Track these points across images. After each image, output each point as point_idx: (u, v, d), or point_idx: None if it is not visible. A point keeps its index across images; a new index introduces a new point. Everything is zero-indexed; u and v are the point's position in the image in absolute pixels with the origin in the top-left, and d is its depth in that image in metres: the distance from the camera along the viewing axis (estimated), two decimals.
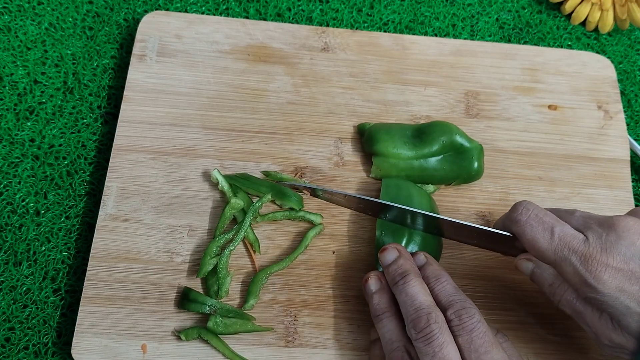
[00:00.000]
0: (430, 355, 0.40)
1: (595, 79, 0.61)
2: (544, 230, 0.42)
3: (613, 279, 0.39)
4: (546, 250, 0.42)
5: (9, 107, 0.56)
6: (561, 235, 0.42)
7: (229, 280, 0.48)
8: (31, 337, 0.49)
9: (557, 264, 0.42)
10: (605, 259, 0.40)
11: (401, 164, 0.53)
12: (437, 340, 0.40)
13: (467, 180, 0.54)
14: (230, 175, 0.52)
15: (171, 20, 0.59)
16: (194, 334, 0.47)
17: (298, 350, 0.48)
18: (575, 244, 0.41)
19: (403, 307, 0.43)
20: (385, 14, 0.65)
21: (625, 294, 0.39)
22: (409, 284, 0.43)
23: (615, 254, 0.40)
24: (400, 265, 0.45)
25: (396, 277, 0.44)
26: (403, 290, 0.43)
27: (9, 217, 0.52)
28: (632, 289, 0.39)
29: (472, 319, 0.41)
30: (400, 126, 0.54)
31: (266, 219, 0.51)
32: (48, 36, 0.60)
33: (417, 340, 0.40)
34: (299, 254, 0.50)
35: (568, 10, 0.66)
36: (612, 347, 0.42)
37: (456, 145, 0.52)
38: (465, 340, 0.40)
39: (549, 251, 0.42)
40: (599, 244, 0.40)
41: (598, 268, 0.40)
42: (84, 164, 0.55)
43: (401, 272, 0.44)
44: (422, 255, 0.47)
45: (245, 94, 0.57)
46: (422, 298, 0.42)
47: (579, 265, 0.40)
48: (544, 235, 0.42)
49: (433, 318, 0.41)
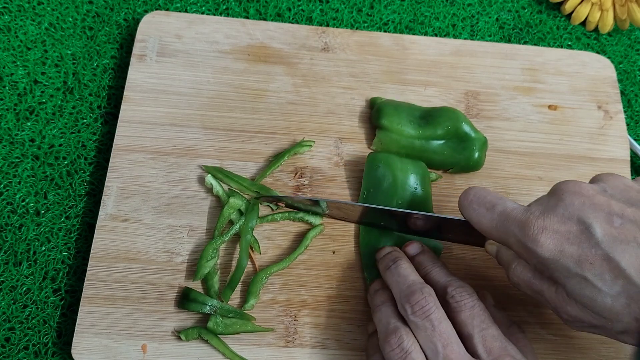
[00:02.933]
0: (428, 329, 0.40)
1: (595, 79, 0.61)
2: (486, 210, 0.42)
3: (551, 240, 0.38)
4: (491, 228, 0.42)
5: (9, 107, 0.56)
6: (501, 210, 0.41)
7: (210, 264, 0.48)
8: (31, 337, 0.49)
9: (503, 240, 0.42)
10: (542, 222, 0.39)
11: (403, 141, 0.53)
12: (434, 314, 0.40)
13: (466, 169, 0.54)
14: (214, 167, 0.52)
15: (171, 20, 0.59)
16: (194, 334, 0.47)
17: (298, 350, 0.48)
18: (515, 214, 0.40)
19: (395, 287, 0.43)
20: (385, 14, 0.65)
21: (565, 255, 0.38)
22: (401, 267, 0.44)
23: (552, 216, 0.39)
24: (392, 254, 0.46)
25: (389, 263, 0.45)
26: (395, 271, 0.44)
27: (9, 217, 0.52)
28: (570, 249, 0.38)
29: (472, 296, 0.42)
30: (410, 106, 0.55)
31: (265, 220, 0.51)
32: (48, 36, 0.60)
33: (414, 314, 0.40)
34: (299, 254, 0.50)
35: (568, 10, 0.66)
36: (574, 322, 0.40)
37: (461, 133, 0.53)
38: (467, 315, 0.41)
39: (493, 228, 0.42)
40: (538, 210, 0.40)
41: (535, 231, 0.39)
42: (84, 164, 0.55)
43: (393, 258, 0.46)
44: (418, 243, 0.48)
45: (245, 94, 0.57)
46: (414, 277, 0.43)
47: (518, 233, 0.40)
48: (486, 215, 0.42)
49: (427, 292, 0.41)
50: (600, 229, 0.37)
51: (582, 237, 0.38)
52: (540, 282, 0.41)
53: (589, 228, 0.38)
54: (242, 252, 0.48)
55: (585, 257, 0.37)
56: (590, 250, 0.37)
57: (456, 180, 0.55)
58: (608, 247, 0.37)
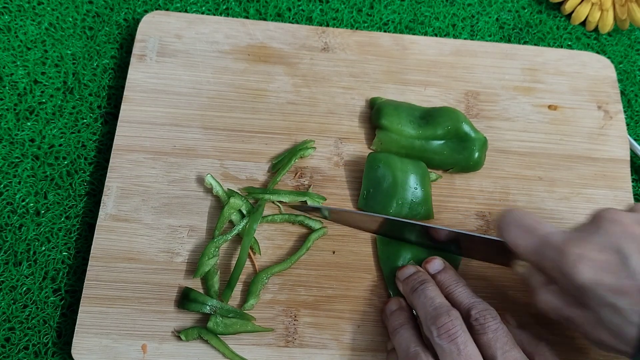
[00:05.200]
0: (454, 353, 0.40)
1: (595, 79, 0.61)
2: (525, 233, 0.42)
3: (588, 268, 0.38)
4: (529, 251, 0.42)
5: (9, 107, 0.56)
6: (541, 234, 0.42)
7: (211, 262, 0.49)
8: (31, 337, 0.49)
9: (538, 263, 0.42)
10: (580, 250, 0.39)
11: (403, 141, 0.53)
12: (460, 337, 0.40)
13: (465, 169, 0.54)
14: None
15: (171, 20, 0.59)
16: (194, 334, 0.47)
17: (298, 351, 0.48)
18: (554, 239, 0.41)
19: (421, 310, 0.43)
20: (385, 14, 0.65)
21: (601, 284, 0.38)
22: (428, 289, 0.44)
23: (591, 244, 0.39)
24: (419, 276, 0.46)
25: (415, 285, 0.45)
26: (422, 294, 0.44)
27: (9, 217, 0.52)
28: (606, 278, 0.38)
29: (496, 319, 0.42)
30: (410, 106, 0.55)
31: (265, 220, 0.51)
32: (48, 36, 0.60)
33: (439, 336, 0.40)
34: (301, 255, 0.50)
35: (568, 10, 0.66)
36: (601, 346, 0.41)
37: (461, 133, 0.53)
38: (490, 338, 0.41)
39: (531, 252, 0.42)
40: (576, 236, 0.40)
41: (573, 258, 0.39)
42: (84, 164, 0.55)
43: (420, 280, 0.46)
44: (441, 260, 0.48)
45: (245, 94, 0.57)
46: (441, 300, 0.43)
47: (555, 258, 0.40)
48: (525, 237, 0.42)
49: (454, 315, 0.41)
50: (637, 260, 0.37)
51: (619, 267, 0.38)
52: (571, 309, 0.41)
53: (626, 258, 0.38)
54: (243, 251, 0.48)
55: (621, 288, 0.37)
56: (626, 281, 0.37)
57: (456, 180, 0.55)
58: None
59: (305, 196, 0.52)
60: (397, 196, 0.51)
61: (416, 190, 0.51)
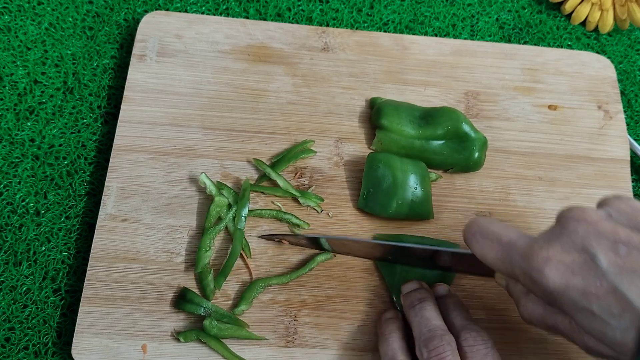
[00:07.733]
0: None
1: (595, 79, 0.61)
2: (491, 242, 0.40)
3: (555, 271, 0.35)
4: (496, 260, 0.39)
5: (9, 107, 0.56)
6: (506, 241, 0.39)
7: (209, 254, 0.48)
8: (31, 337, 0.49)
9: (509, 272, 0.39)
10: (546, 253, 0.36)
11: (402, 141, 0.53)
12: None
13: (466, 169, 0.54)
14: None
15: (171, 20, 0.59)
16: (192, 336, 0.47)
17: (298, 351, 0.48)
18: (519, 245, 0.38)
19: (416, 328, 0.43)
20: (385, 14, 0.65)
21: (570, 287, 0.35)
22: (426, 308, 0.44)
23: (556, 245, 0.36)
24: (420, 293, 0.46)
25: (414, 301, 0.45)
26: (419, 312, 0.44)
27: (9, 217, 0.52)
28: (575, 281, 0.35)
29: (487, 343, 0.41)
30: (410, 106, 0.55)
31: (253, 214, 0.51)
32: (48, 36, 0.60)
33: (429, 358, 0.40)
34: (303, 274, 0.50)
35: (568, 10, 0.66)
36: (592, 352, 0.38)
37: (461, 133, 0.53)
38: None
39: (499, 261, 0.39)
40: (541, 239, 0.37)
41: (539, 262, 0.36)
42: (84, 164, 0.55)
43: (420, 297, 0.45)
44: (446, 286, 0.48)
45: (245, 94, 0.57)
46: (437, 322, 0.43)
47: (523, 264, 0.37)
48: (491, 247, 0.40)
49: (447, 339, 0.41)
50: (605, 258, 0.34)
51: (586, 268, 0.35)
52: (554, 316, 0.39)
53: (593, 258, 0.35)
54: (236, 241, 0.48)
55: (591, 290, 0.34)
56: (595, 282, 0.34)
57: (456, 180, 0.55)
58: (614, 278, 0.34)
59: (303, 195, 0.52)
60: (397, 196, 0.51)
61: (416, 190, 0.51)
